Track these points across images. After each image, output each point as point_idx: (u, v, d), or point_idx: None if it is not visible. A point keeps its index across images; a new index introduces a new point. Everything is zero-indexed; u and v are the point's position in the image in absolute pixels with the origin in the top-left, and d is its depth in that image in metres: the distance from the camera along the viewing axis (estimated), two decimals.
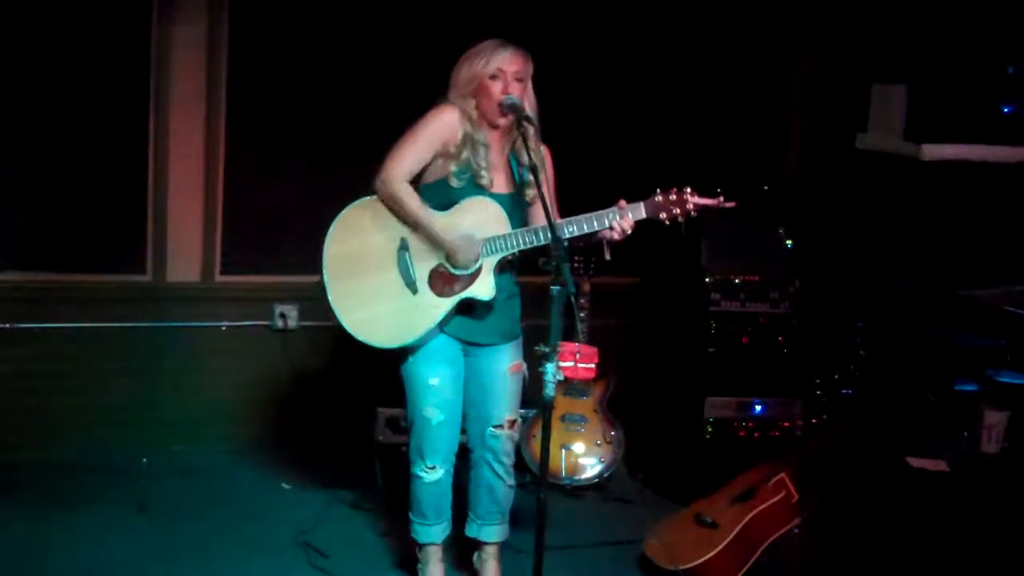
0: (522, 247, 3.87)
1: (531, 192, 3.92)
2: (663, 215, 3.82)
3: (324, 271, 3.95)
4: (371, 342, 3.93)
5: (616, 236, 3.84)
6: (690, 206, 3.81)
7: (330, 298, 3.94)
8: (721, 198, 3.86)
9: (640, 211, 3.83)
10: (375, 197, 3.93)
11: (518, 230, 3.88)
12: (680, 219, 3.83)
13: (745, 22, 5.88)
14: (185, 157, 5.26)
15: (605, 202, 3.87)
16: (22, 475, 4.95)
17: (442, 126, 3.91)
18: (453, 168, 3.90)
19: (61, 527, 4.55)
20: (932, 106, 5.24)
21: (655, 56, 5.79)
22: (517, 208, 3.98)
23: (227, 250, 5.39)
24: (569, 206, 4.02)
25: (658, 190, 3.83)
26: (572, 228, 3.81)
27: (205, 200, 5.33)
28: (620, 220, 3.81)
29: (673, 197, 3.82)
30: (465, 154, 3.89)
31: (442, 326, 3.95)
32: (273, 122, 5.35)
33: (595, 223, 3.82)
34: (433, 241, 3.89)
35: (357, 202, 3.96)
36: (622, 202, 3.83)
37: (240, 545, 4.51)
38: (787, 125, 6.04)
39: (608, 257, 3.94)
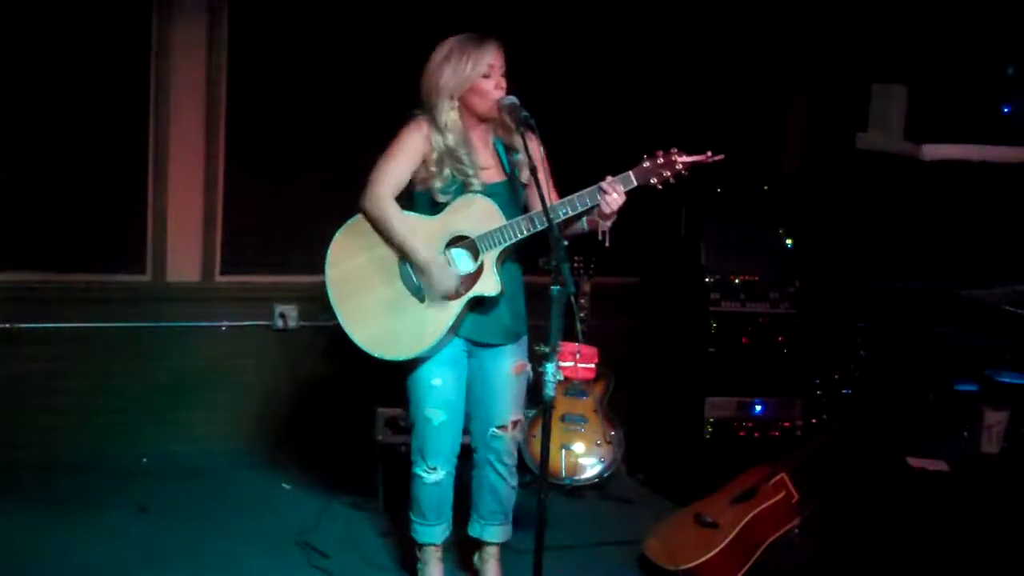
0: (518, 236, 3.83)
1: (525, 172, 3.86)
2: (654, 179, 3.76)
3: (329, 294, 3.93)
4: (389, 357, 3.91)
5: (607, 211, 3.76)
6: (679, 166, 3.75)
7: (341, 320, 3.93)
8: (709, 152, 3.78)
9: (630, 180, 3.77)
10: (361, 217, 3.91)
11: (512, 220, 3.83)
12: (672, 180, 3.76)
13: (745, 22, 5.88)
14: (185, 157, 5.26)
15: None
16: (22, 475, 4.94)
17: (418, 138, 3.87)
18: (438, 185, 3.86)
19: (61, 527, 4.55)
20: (932, 106, 5.24)
21: (655, 56, 5.78)
22: (512, 196, 3.95)
23: (227, 250, 5.38)
24: None
25: (644, 156, 3.77)
26: (566, 209, 3.76)
27: (205, 200, 5.32)
28: (611, 193, 3.75)
29: (660, 160, 3.76)
30: (447, 171, 3.86)
31: (455, 329, 3.93)
32: (273, 122, 5.34)
33: (587, 200, 3.76)
34: (417, 264, 3.86)
35: (347, 223, 3.94)
36: (609, 177, 3.77)
37: (240, 545, 4.51)
38: (787, 125, 6.04)
39: (607, 243, 3.84)
